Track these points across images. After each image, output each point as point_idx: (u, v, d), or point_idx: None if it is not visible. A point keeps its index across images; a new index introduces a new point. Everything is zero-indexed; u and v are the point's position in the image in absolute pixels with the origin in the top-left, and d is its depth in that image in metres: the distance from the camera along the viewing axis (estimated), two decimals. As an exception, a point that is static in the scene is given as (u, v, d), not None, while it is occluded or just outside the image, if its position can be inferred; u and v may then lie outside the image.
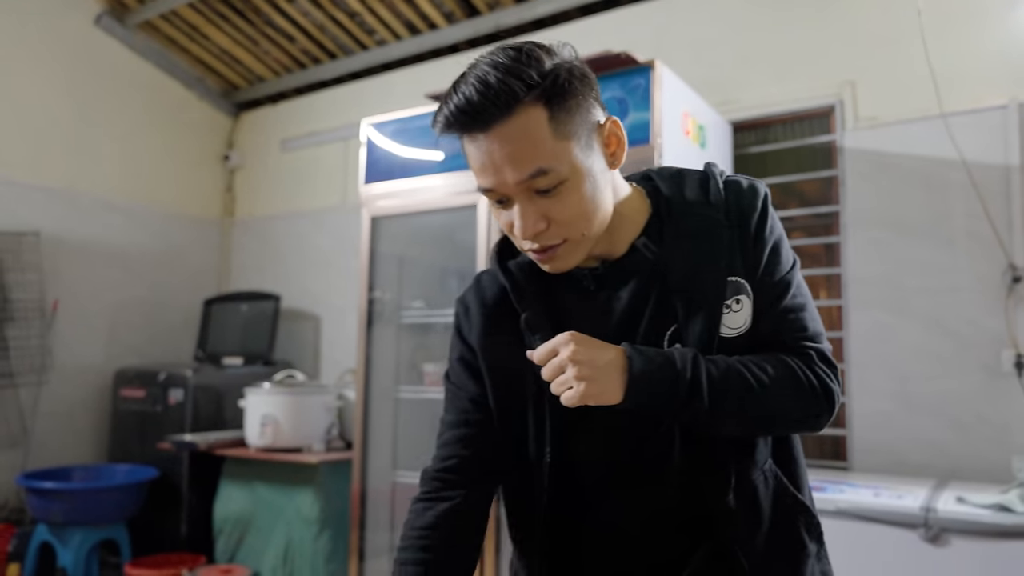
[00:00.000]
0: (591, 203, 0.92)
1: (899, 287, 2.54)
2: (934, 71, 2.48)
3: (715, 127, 2.67)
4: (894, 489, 2.12)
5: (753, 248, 0.97)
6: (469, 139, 0.90)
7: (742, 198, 0.99)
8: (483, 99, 0.86)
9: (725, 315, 0.95)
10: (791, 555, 0.98)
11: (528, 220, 0.90)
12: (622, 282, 1.01)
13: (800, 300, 0.99)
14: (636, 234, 1.00)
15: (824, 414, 0.95)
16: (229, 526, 3.25)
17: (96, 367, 3.93)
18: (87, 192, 3.99)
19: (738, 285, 0.96)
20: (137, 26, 4.13)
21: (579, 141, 0.90)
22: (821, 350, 0.97)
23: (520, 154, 0.87)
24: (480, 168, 0.90)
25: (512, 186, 0.89)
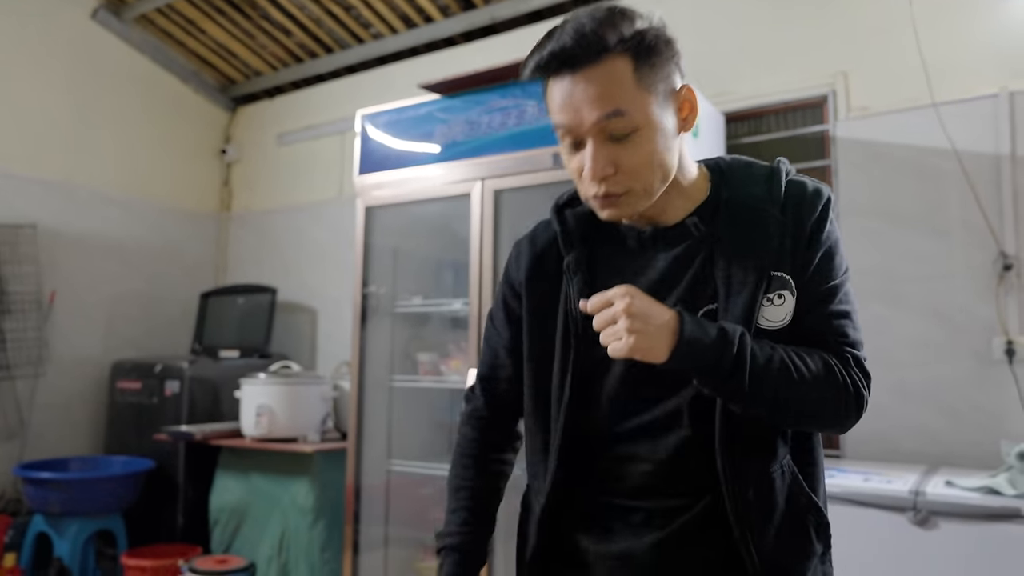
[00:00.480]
0: (659, 157, 0.97)
1: (891, 276, 2.55)
2: (925, 61, 2.49)
3: (709, 117, 2.68)
4: (884, 474, 2.14)
5: (807, 248, 0.99)
6: (555, 80, 0.96)
7: (804, 198, 1.02)
8: (576, 45, 0.93)
9: (765, 307, 0.98)
10: (797, 553, 1.00)
11: (599, 162, 0.95)
12: (665, 249, 1.05)
13: (846, 307, 1.01)
14: (690, 210, 1.04)
15: (852, 417, 0.99)
16: (225, 516, 3.27)
17: (93, 359, 3.94)
18: (84, 185, 4.00)
19: (783, 280, 0.98)
20: (134, 20, 4.14)
21: (657, 97, 0.97)
22: (860, 357, 1.00)
23: (601, 95, 0.93)
24: (561, 106, 0.96)
25: (589, 125, 0.94)
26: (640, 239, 1.06)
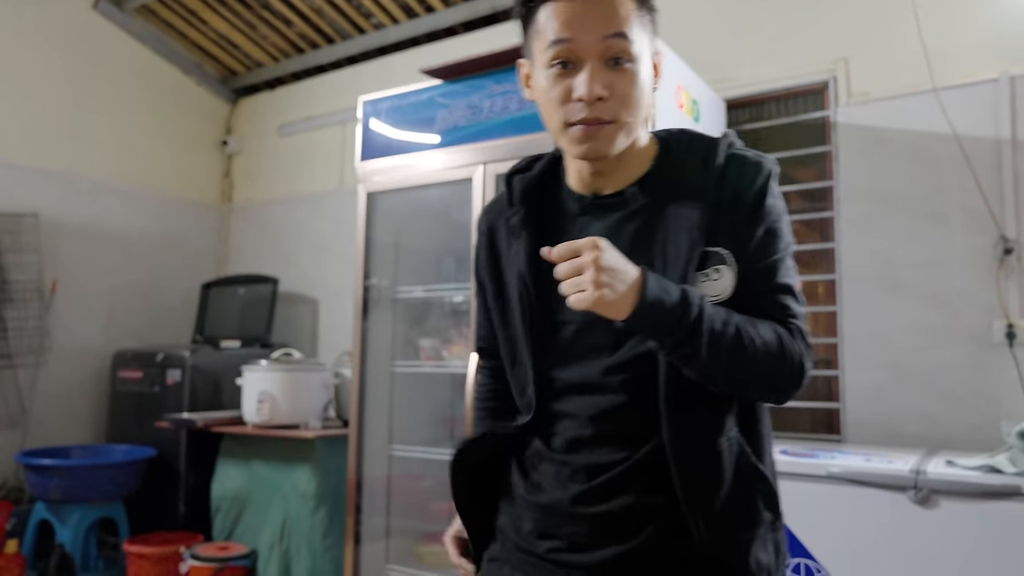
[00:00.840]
0: (643, 95, 1.00)
1: (892, 260, 2.55)
2: (926, 46, 2.49)
3: (709, 104, 2.69)
4: (885, 455, 2.14)
5: (747, 222, 0.99)
6: (558, 1, 0.98)
7: (744, 172, 1.01)
8: None
9: (703, 283, 0.98)
10: (745, 522, 1.00)
11: (596, 82, 0.96)
12: (602, 217, 1.06)
13: (789, 281, 1.02)
14: (632, 180, 1.05)
15: (794, 388, 0.99)
16: (226, 504, 3.27)
17: (94, 349, 3.94)
18: (86, 175, 4.01)
19: (719, 256, 0.99)
20: (135, 10, 4.15)
21: (648, 42, 1.01)
22: (804, 330, 1.01)
23: (610, 17, 0.96)
24: (564, 23, 0.97)
25: (596, 40, 0.96)
26: (582, 204, 1.08)
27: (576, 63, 0.97)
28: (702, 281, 0.98)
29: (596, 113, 0.97)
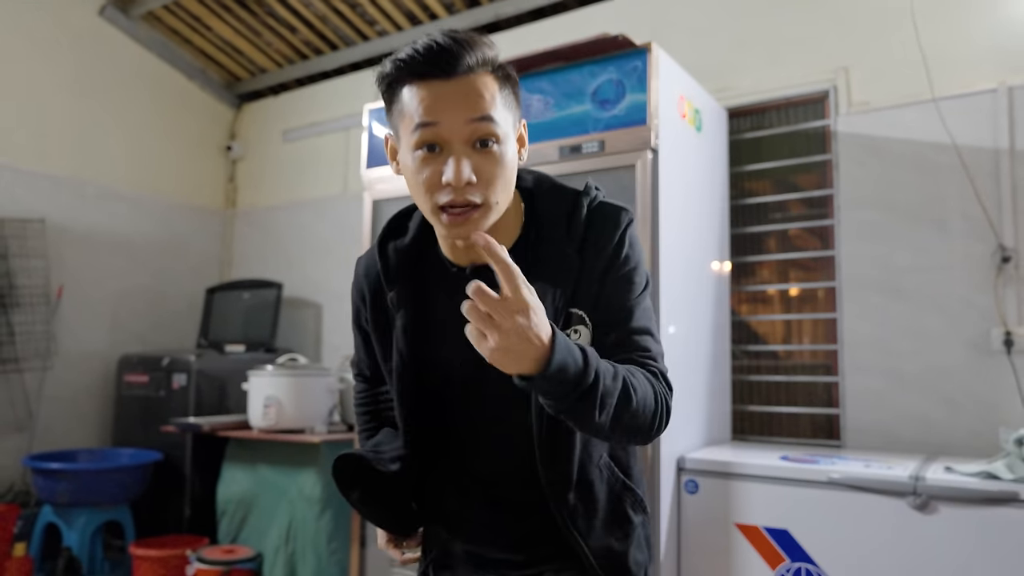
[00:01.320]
0: (510, 175, 1.02)
1: (891, 268, 2.59)
2: (925, 56, 2.53)
3: (711, 112, 2.72)
4: (885, 461, 2.17)
5: (600, 283, 1.06)
6: (424, 82, 0.97)
7: (602, 232, 1.08)
8: (456, 46, 0.95)
9: None
10: (621, 532, 1.13)
11: (465, 167, 0.96)
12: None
13: (645, 324, 1.08)
14: (508, 243, 1.07)
15: (662, 429, 1.03)
16: (232, 507, 3.30)
17: (100, 353, 3.97)
18: (92, 180, 4.04)
19: (578, 317, 1.05)
20: (141, 17, 4.18)
21: (512, 121, 1.03)
22: (663, 371, 1.07)
23: (475, 101, 0.97)
24: (428, 107, 0.96)
25: (458, 127, 0.96)
26: (459, 277, 1.08)
27: (442, 146, 0.97)
28: None
29: (465, 197, 0.97)
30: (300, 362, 3.36)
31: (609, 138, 2.31)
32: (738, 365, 2.86)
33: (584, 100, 2.37)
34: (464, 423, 1.15)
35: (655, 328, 1.10)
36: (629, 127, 2.28)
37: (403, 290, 1.12)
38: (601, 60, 2.36)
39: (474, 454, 1.15)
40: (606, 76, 2.34)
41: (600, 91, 2.35)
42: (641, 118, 2.26)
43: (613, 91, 2.32)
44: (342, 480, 1.15)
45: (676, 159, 2.38)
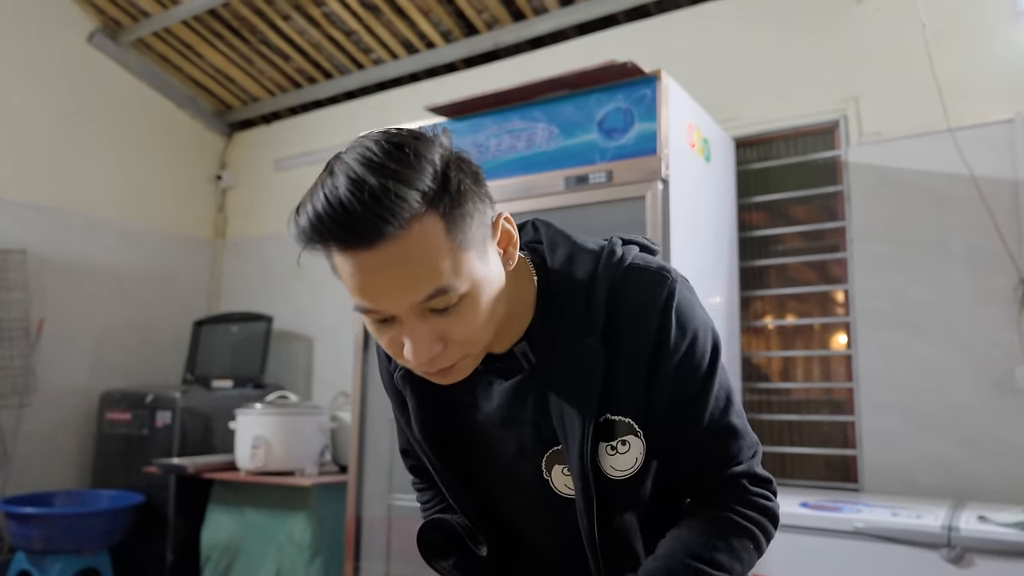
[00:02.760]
0: (490, 314, 0.82)
1: (908, 302, 2.49)
2: (940, 86, 2.46)
3: (719, 142, 2.64)
4: (911, 508, 2.06)
5: (649, 375, 0.86)
6: (344, 254, 0.73)
7: (635, 313, 0.86)
8: (367, 211, 0.69)
9: (610, 456, 0.88)
10: None
11: (423, 344, 0.77)
12: (499, 381, 0.95)
13: (717, 415, 0.89)
14: (519, 332, 0.91)
15: (770, 540, 0.91)
16: (217, 553, 3.14)
17: (80, 389, 3.82)
18: (77, 210, 3.91)
19: (623, 425, 0.87)
20: (130, 44, 4.10)
21: (476, 249, 0.78)
22: (751, 473, 0.91)
23: (415, 275, 0.73)
24: (361, 288, 0.75)
25: (403, 308, 0.76)
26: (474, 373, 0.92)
27: (392, 318, 0.78)
28: (609, 455, 0.88)
29: (438, 364, 0.81)
30: (290, 400, 3.22)
31: (617, 168, 2.22)
32: (748, 403, 2.75)
33: (590, 129, 2.29)
34: (521, 520, 1.02)
35: (734, 411, 0.90)
36: (638, 157, 2.19)
37: (405, 369, 0.95)
38: (608, 88, 2.28)
39: (540, 550, 1.03)
40: (613, 104, 2.26)
41: (607, 120, 2.26)
42: (651, 147, 2.18)
43: (621, 120, 2.24)
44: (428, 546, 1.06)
45: (686, 190, 2.29)
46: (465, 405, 0.97)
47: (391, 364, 1.01)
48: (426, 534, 1.06)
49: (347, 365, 3.70)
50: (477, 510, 1.01)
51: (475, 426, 0.97)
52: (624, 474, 0.89)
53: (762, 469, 0.93)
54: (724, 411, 0.90)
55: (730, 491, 0.90)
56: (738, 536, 0.87)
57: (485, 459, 0.98)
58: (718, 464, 0.90)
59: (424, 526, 1.07)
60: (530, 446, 0.93)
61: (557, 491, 0.94)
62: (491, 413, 0.95)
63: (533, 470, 0.94)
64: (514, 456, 0.95)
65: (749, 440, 0.92)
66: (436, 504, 1.14)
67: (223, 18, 3.80)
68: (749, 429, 0.93)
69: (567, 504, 0.93)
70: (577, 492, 0.89)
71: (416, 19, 3.56)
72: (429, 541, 1.06)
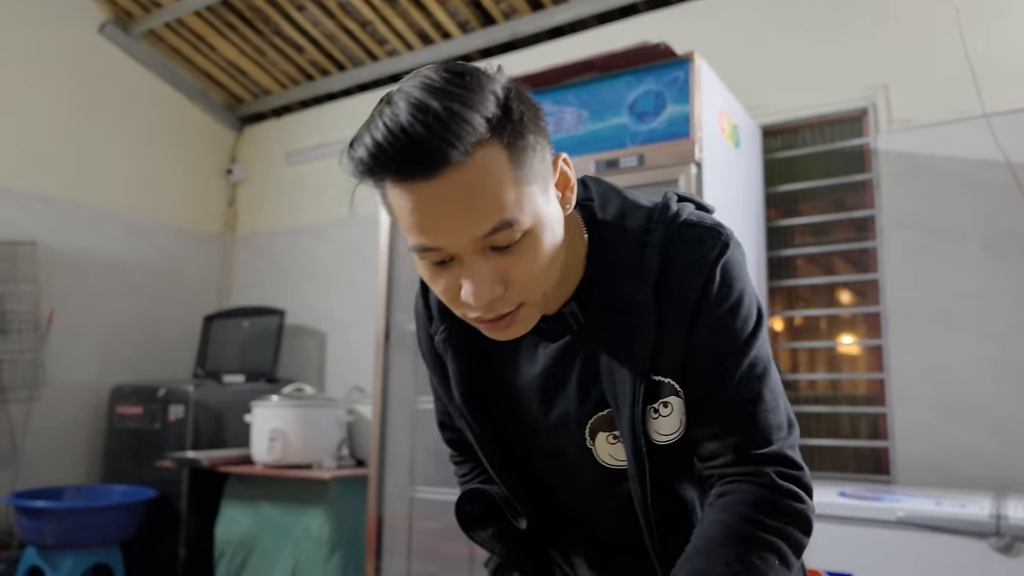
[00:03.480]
0: (552, 257, 0.78)
1: (940, 292, 2.45)
2: (974, 70, 2.42)
3: (747, 129, 2.60)
4: (953, 498, 2.01)
5: (689, 329, 0.82)
6: (403, 187, 0.70)
7: (684, 266, 0.82)
8: (432, 135, 0.67)
9: (654, 420, 0.84)
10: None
11: (484, 284, 0.73)
12: (544, 343, 0.90)
13: (751, 381, 0.82)
14: (568, 293, 0.87)
15: (801, 551, 0.81)
16: (232, 549, 3.08)
17: (91, 383, 3.76)
18: (86, 203, 3.86)
19: (666, 386, 0.83)
20: (142, 35, 4.05)
21: (539, 184, 0.75)
22: (782, 455, 0.82)
23: (480, 205, 0.70)
24: (420, 223, 0.71)
25: (465, 243, 0.72)
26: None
27: (452, 257, 0.75)
28: (653, 418, 0.84)
29: (497, 309, 0.76)
30: (307, 392, 3.17)
31: (648, 151, 2.18)
32: (775, 395, 2.70)
33: (621, 112, 2.25)
34: (568, 494, 0.98)
35: (769, 385, 0.83)
36: (670, 140, 2.15)
37: (449, 332, 0.92)
38: (638, 71, 2.24)
39: (585, 520, 0.99)
40: (645, 87, 2.22)
41: (639, 103, 2.22)
42: (683, 131, 2.14)
43: (653, 103, 2.20)
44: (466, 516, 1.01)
45: (718, 175, 2.25)
46: (507, 369, 0.93)
47: (432, 327, 0.97)
48: (463, 504, 1.03)
49: (360, 360, 3.67)
50: (517, 479, 0.97)
51: (516, 391, 0.93)
52: (669, 438, 0.85)
53: (796, 453, 0.83)
54: (759, 379, 0.82)
55: (756, 486, 0.80)
56: (761, 553, 0.77)
57: (526, 426, 0.95)
58: (744, 439, 0.81)
59: (462, 496, 1.03)
60: (574, 412, 0.89)
61: (601, 461, 0.90)
62: (534, 378, 0.91)
63: (577, 438, 0.91)
64: (556, 423, 0.91)
65: (783, 418, 0.84)
66: (474, 476, 1.10)
67: (236, 8, 3.76)
68: (787, 409, 0.85)
69: (612, 474, 0.90)
70: (629, 459, 0.85)
71: (433, 9, 3.52)
72: (467, 511, 1.03)
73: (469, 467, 1.11)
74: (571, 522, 1.00)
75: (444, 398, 1.01)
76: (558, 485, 0.97)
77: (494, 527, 1.01)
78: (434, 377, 1.00)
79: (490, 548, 1.02)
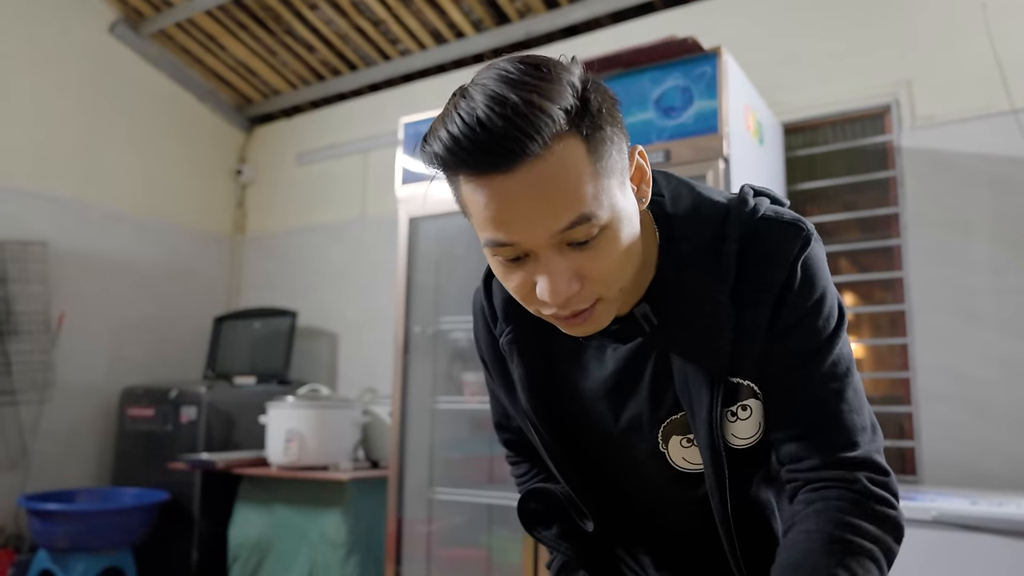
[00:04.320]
0: (629, 252, 0.76)
1: (966, 289, 2.43)
2: (1001, 65, 2.40)
3: (770, 126, 2.58)
4: (987, 497, 1.98)
5: (769, 329, 0.79)
6: (478, 181, 0.69)
7: (765, 265, 0.79)
8: (510, 127, 0.65)
9: (731, 423, 0.81)
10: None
11: (561, 281, 0.71)
12: (614, 345, 0.88)
13: (834, 382, 0.79)
14: (640, 293, 0.84)
15: (893, 562, 0.78)
16: (246, 552, 3.04)
17: (101, 385, 3.73)
18: (96, 203, 3.83)
19: (745, 389, 0.81)
20: (151, 35, 4.03)
21: (616, 178, 0.74)
22: (871, 461, 0.78)
23: (558, 199, 0.68)
24: (495, 218, 0.69)
25: (542, 239, 0.70)
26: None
27: (527, 253, 0.73)
28: (730, 421, 0.81)
29: (573, 306, 0.74)
30: (323, 393, 3.13)
31: (675, 147, 2.16)
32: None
33: (647, 108, 2.22)
34: (637, 496, 0.95)
35: (852, 385, 0.80)
36: (698, 135, 2.13)
37: (514, 334, 0.90)
38: (663, 66, 2.21)
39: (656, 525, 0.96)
40: (671, 82, 2.19)
41: (665, 98, 2.20)
42: (711, 126, 2.11)
43: (679, 98, 2.17)
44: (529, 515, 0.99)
45: (744, 172, 2.22)
46: (575, 372, 0.91)
47: (497, 328, 0.94)
48: (527, 503, 1.01)
49: (373, 361, 3.64)
50: (585, 483, 0.94)
51: (585, 395, 0.91)
52: (747, 442, 0.82)
53: (883, 458, 0.80)
54: (842, 379, 0.79)
55: (847, 491, 0.76)
56: (862, 562, 0.73)
57: (595, 430, 0.92)
58: (829, 440, 0.78)
59: (524, 495, 1.01)
60: (646, 416, 0.87)
61: (675, 464, 0.88)
62: (604, 381, 0.88)
63: (649, 442, 0.88)
64: (627, 427, 0.89)
65: (867, 420, 0.80)
66: (533, 476, 1.07)
67: (248, 8, 3.74)
68: (870, 411, 0.82)
69: (686, 478, 0.87)
70: (706, 464, 0.82)
71: (447, 7, 3.50)
72: (531, 510, 1.01)
73: (527, 467, 1.08)
74: (640, 524, 0.97)
75: (506, 401, 0.97)
76: (628, 488, 0.95)
77: (559, 526, 0.99)
78: (496, 379, 0.97)
79: (555, 547, 1.00)
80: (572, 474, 0.93)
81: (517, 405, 0.93)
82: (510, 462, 1.12)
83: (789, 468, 0.81)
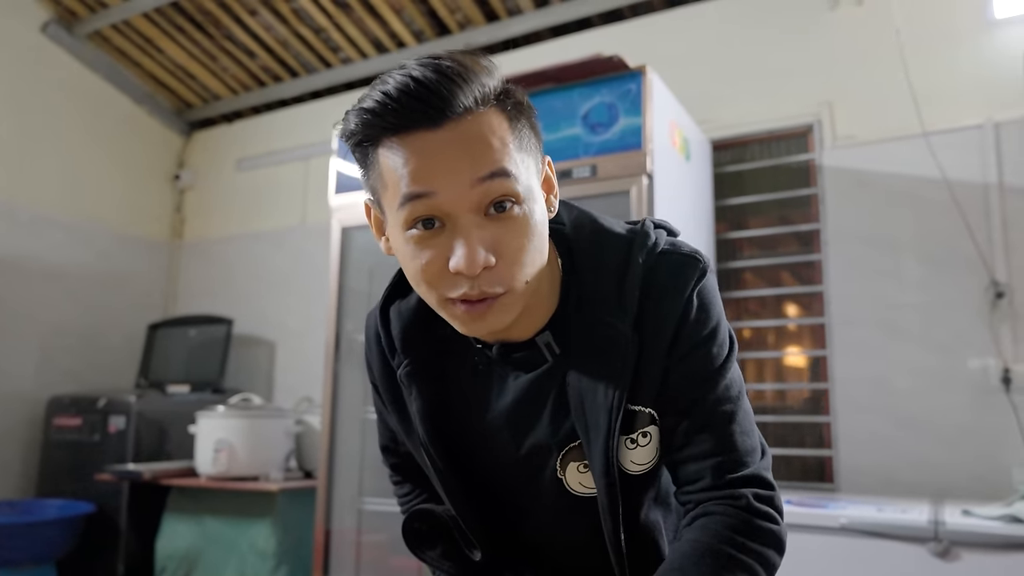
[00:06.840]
0: (540, 240, 0.77)
1: (883, 303, 2.52)
2: (914, 90, 2.50)
3: (697, 143, 2.64)
4: (895, 505, 2.06)
5: (667, 357, 0.82)
6: (402, 139, 0.71)
7: (664, 295, 0.82)
8: (442, 80, 0.69)
9: (630, 450, 0.84)
10: None
11: (476, 249, 0.71)
12: (515, 374, 0.89)
13: (726, 404, 0.82)
14: (543, 321, 0.86)
15: (774, 571, 0.80)
16: (173, 564, 2.98)
17: (26, 393, 3.62)
18: (24, 206, 3.73)
19: (644, 416, 0.83)
20: (87, 36, 3.94)
21: (533, 168, 0.77)
22: (758, 477, 0.82)
23: (481, 151, 0.71)
24: (417, 169, 0.71)
25: (462, 191, 0.71)
26: (486, 358, 0.89)
27: (443, 220, 0.73)
28: (629, 448, 0.83)
29: (484, 286, 0.73)
30: (255, 402, 3.10)
31: (601, 163, 2.20)
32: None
33: (575, 123, 2.26)
34: (530, 520, 0.95)
35: (743, 408, 0.84)
36: (623, 151, 2.17)
37: (412, 365, 0.90)
38: (592, 83, 2.26)
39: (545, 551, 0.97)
40: (599, 99, 2.24)
41: (592, 114, 2.24)
42: (636, 142, 2.16)
43: (606, 114, 2.22)
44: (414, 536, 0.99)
45: (669, 187, 2.28)
46: (476, 401, 0.91)
47: (395, 360, 0.93)
48: (412, 523, 1.00)
49: (310, 370, 3.61)
50: (477, 512, 0.94)
51: (486, 424, 0.91)
52: (644, 468, 0.85)
53: (770, 475, 0.84)
54: (734, 401, 0.83)
55: (732, 507, 0.80)
56: (736, 573, 0.76)
57: (494, 459, 0.92)
58: (722, 461, 0.81)
59: (409, 516, 1.01)
60: (544, 443, 0.88)
61: (571, 489, 0.89)
62: (506, 409, 0.89)
63: (547, 468, 0.89)
64: (528, 453, 0.89)
65: (757, 441, 0.84)
66: (415, 496, 1.08)
67: (186, 11, 3.69)
68: (759, 433, 0.86)
69: (581, 503, 0.89)
70: (600, 490, 0.83)
71: (388, 18, 3.51)
72: (415, 530, 1.01)
73: (410, 487, 1.09)
74: (531, 551, 0.98)
75: (398, 429, 0.97)
76: (521, 515, 0.95)
77: (443, 547, 0.99)
78: (388, 407, 0.96)
79: (438, 566, 1.00)
80: (462, 503, 0.93)
81: (413, 435, 0.93)
82: (394, 482, 1.12)
83: (684, 490, 0.84)
